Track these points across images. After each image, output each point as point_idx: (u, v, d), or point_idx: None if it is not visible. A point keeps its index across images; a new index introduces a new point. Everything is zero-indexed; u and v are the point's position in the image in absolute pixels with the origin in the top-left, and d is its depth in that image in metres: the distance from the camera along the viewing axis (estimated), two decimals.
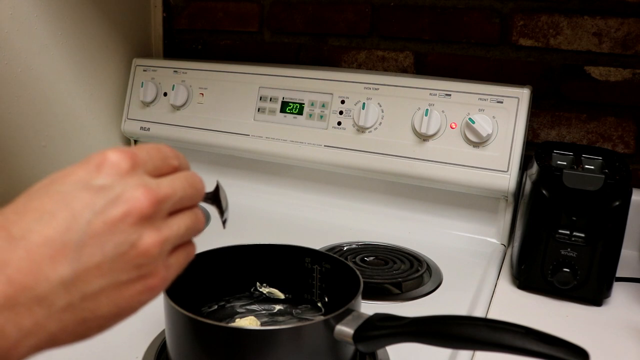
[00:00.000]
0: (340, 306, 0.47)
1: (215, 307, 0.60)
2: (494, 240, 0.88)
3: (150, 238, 0.29)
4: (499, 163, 0.83)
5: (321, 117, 0.95)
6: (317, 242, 0.80)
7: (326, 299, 0.60)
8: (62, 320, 0.27)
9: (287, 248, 0.61)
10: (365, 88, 0.92)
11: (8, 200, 0.29)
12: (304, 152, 0.96)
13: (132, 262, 0.29)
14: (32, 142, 0.98)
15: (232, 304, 0.61)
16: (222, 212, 0.41)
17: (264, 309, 0.61)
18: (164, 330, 0.54)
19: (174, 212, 0.32)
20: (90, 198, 0.29)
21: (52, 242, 0.27)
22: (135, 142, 1.17)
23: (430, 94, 0.88)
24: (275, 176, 1.03)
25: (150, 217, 0.29)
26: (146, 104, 1.10)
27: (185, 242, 0.33)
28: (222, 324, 0.56)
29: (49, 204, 0.29)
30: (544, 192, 0.68)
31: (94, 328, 0.30)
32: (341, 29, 1.08)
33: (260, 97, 1.00)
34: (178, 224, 0.32)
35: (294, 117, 0.97)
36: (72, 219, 0.28)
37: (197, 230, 0.34)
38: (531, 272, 0.71)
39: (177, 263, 0.33)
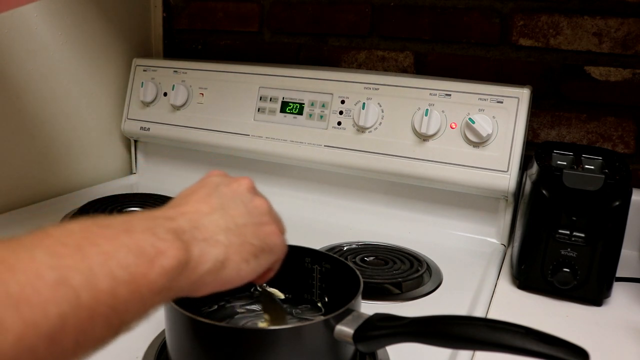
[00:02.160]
0: (340, 306, 0.47)
1: (215, 307, 0.60)
2: (494, 240, 0.88)
3: (259, 199, 0.44)
4: (499, 163, 0.83)
5: (321, 117, 0.95)
6: (317, 242, 0.80)
7: (326, 299, 0.60)
8: (227, 236, 0.39)
9: (287, 248, 0.61)
10: (365, 88, 0.92)
11: (8, 200, 0.30)
12: (304, 152, 0.96)
13: (255, 211, 0.43)
14: (32, 142, 0.98)
15: (232, 304, 0.61)
16: None
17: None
18: (164, 330, 0.54)
19: None
20: (218, 179, 0.45)
21: (204, 203, 0.41)
22: (135, 142, 1.17)
23: (430, 94, 0.88)
24: (275, 176, 1.03)
25: (254, 189, 0.45)
26: (146, 104, 1.10)
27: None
28: (222, 324, 0.56)
29: (192, 189, 0.43)
30: (544, 192, 0.68)
31: (250, 254, 0.40)
32: (341, 29, 1.08)
33: (260, 97, 1.00)
34: (273, 208, 0.46)
35: (294, 117, 0.97)
36: (211, 190, 0.42)
37: (284, 227, 0.48)
38: (531, 272, 0.70)
39: (283, 227, 0.47)
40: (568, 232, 0.67)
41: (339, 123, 0.94)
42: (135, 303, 0.31)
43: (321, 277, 0.60)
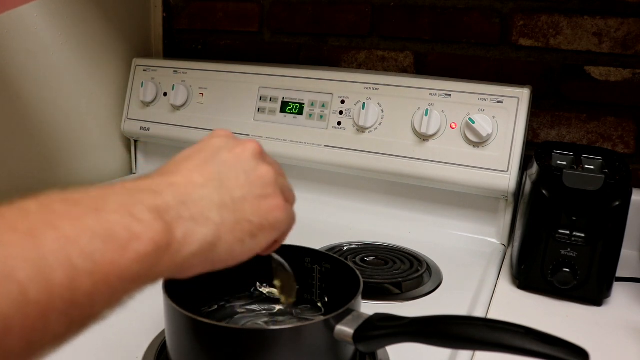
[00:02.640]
0: (340, 306, 0.47)
1: (215, 307, 0.60)
2: (494, 240, 0.88)
3: (264, 167, 0.39)
4: (499, 163, 0.83)
5: (321, 117, 0.95)
6: (317, 242, 0.80)
7: (326, 299, 0.60)
8: (221, 213, 0.35)
9: (287, 248, 0.60)
10: (365, 88, 0.92)
11: (8, 199, 0.29)
12: (304, 152, 0.96)
13: (257, 182, 0.38)
14: (32, 142, 0.98)
15: (232, 304, 0.61)
16: None
17: (264, 309, 0.61)
18: (164, 330, 0.54)
19: None
20: (222, 141, 0.40)
21: (198, 172, 0.36)
22: (136, 142, 1.17)
23: (430, 94, 0.88)
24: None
25: (261, 154, 0.40)
26: (146, 104, 1.10)
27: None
28: (222, 324, 0.56)
29: (189, 153, 0.39)
30: (544, 192, 0.68)
31: (247, 233, 0.36)
32: (341, 29, 1.08)
33: (260, 97, 1.00)
34: (282, 174, 0.42)
35: (294, 117, 0.97)
36: (210, 155, 0.38)
37: (293, 195, 0.43)
38: (531, 272, 0.70)
39: (292, 195, 0.42)
40: (568, 232, 0.67)
41: (339, 123, 0.94)
42: (103, 294, 0.27)
43: (321, 277, 0.60)
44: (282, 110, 0.98)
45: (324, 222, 0.94)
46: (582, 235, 0.67)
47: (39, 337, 0.25)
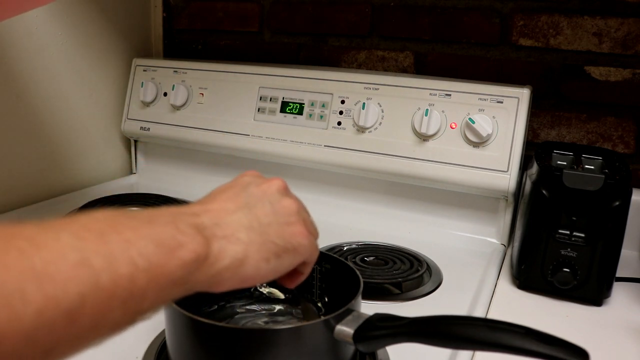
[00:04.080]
0: (340, 306, 0.47)
1: (215, 307, 0.60)
2: (494, 240, 0.88)
3: (288, 200, 0.44)
4: (499, 163, 0.83)
5: (321, 117, 0.95)
6: (318, 242, 0.80)
7: (326, 299, 0.60)
8: (249, 235, 0.39)
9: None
10: (365, 88, 0.92)
11: (8, 200, 0.31)
12: (304, 152, 0.96)
13: (282, 211, 0.43)
14: (31, 142, 0.98)
15: (232, 304, 0.61)
16: None
17: (264, 309, 0.61)
18: (164, 330, 0.54)
19: None
20: (251, 178, 0.45)
21: (230, 202, 0.41)
22: (136, 142, 1.17)
23: (430, 94, 0.88)
24: (275, 176, 1.03)
25: (285, 190, 0.46)
26: (146, 104, 1.10)
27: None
28: (222, 324, 0.56)
29: (223, 188, 0.44)
30: (544, 192, 0.68)
31: (272, 253, 0.40)
32: (341, 29, 1.08)
33: (260, 97, 1.00)
34: (305, 210, 0.47)
35: (294, 117, 0.97)
36: (240, 189, 0.43)
37: (316, 229, 0.49)
38: (531, 272, 0.71)
39: (314, 229, 0.48)
40: (568, 232, 0.67)
41: (339, 123, 0.94)
42: (153, 291, 0.32)
43: (321, 277, 0.60)
44: (282, 110, 0.98)
45: (324, 222, 0.93)
46: (582, 235, 0.67)
47: (102, 320, 0.29)
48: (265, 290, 0.62)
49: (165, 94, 1.09)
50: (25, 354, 0.25)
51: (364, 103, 0.91)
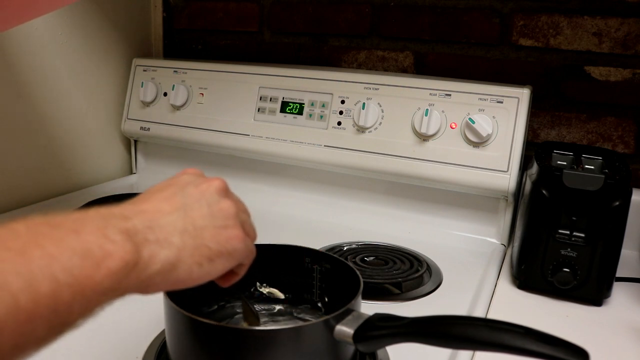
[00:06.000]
0: (340, 306, 0.47)
1: (215, 307, 0.60)
2: (494, 240, 0.88)
3: (227, 202, 0.43)
4: (499, 163, 0.83)
5: (321, 117, 0.95)
6: (317, 242, 0.80)
7: (326, 299, 0.60)
8: (182, 238, 0.39)
9: (287, 248, 0.61)
10: (365, 88, 0.92)
11: (8, 200, 0.31)
12: (304, 152, 0.96)
13: (219, 214, 0.42)
14: (32, 142, 0.98)
15: (232, 304, 0.61)
16: None
17: (264, 309, 0.61)
18: (164, 330, 0.54)
19: None
20: (190, 177, 0.44)
21: (166, 202, 0.40)
22: (135, 142, 1.17)
23: (430, 94, 0.88)
24: (275, 176, 1.03)
25: (225, 191, 0.44)
26: (146, 104, 1.10)
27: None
28: (222, 324, 0.56)
29: (160, 186, 0.43)
30: (544, 192, 0.68)
31: (205, 257, 0.40)
32: (341, 29, 1.08)
33: (260, 97, 1.00)
34: (245, 211, 0.46)
35: (294, 117, 0.97)
36: (178, 189, 0.42)
37: (254, 231, 0.47)
38: (531, 272, 0.70)
39: (252, 231, 0.46)
40: (568, 232, 0.67)
41: (339, 123, 0.94)
42: (79, 304, 0.31)
43: (321, 277, 0.60)
44: (282, 110, 0.98)
45: (324, 222, 0.94)
46: (582, 235, 0.67)
47: (25, 340, 0.28)
48: (265, 290, 0.62)
49: (165, 94, 1.09)
50: None
51: (364, 103, 0.91)
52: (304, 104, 0.97)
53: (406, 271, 0.74)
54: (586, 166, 0.73)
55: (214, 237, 0.41)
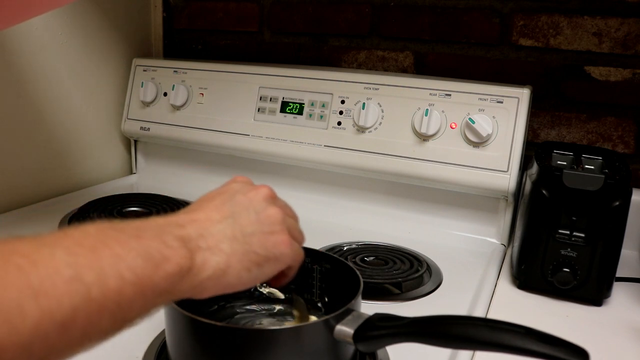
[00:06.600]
0: (340, 306, 0.47)
1: (215, 307, 0.60)
2: (494, 240, 0.88)
3: (273, 209, 0.45)
4: (499, 163, 0.83)
5: (321, 117, 0.95)
6: (317, 242, 0.80)
7: (326, 299, 0.60)
8: (231, 245, 0.41)
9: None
10: (365, 88, 0.92)
11: (8, 200, 0.32)
12: (304, 152, 0.96)
13: (266, 221, 0.44)
14: (32, 142, 0.98)
15: (232, 304, 0.61)
16: None
17: (264, 309, 0.61)
18: (164, 330, 0.54)
19: None
20: (239, 186, 0.46)
21: (216, 211, 0.43)
22: (135, 142, 1.17)
23: (430, 94, 0.88)
24: (275, 176, 1.03)
25: (272, 198, 0.46)
26: (146, 104, 1.10)
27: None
28: (222, 324, 0.56)
29: (211, 195, 0.46)
30: (544, 192, 0.68)
31: (253, 262, 0.42)
32: (341, 29, 1.08)
33: (260, 97, 1.00)
34: (292, 216, 0.49)
35: (294, 117, 0.97)
36: (227, 198, 0.44)
37: (301, 234, 0.49)
38: (531, 272, 0.71)
39: (299, 235, 0.48)
40: (568, 232, 0.67)
41: (339, 123, 0.94)
42: (139, 302, 0.34)
43: (321, 277, 0.60)
44: (282, 110, 0.98)
45: (324, 222, 0.94)
46: (582, 235, 0.67)
47: (93, 329, 0.31)
48: (265, 290, 0.62)
49: (165, 94, 1.09)
50: None
51: (364, 103, 0.91)
52: (304, 104, 0.97)
53: (406, 271, 0.74)
54: (586, 166, 0.73)
55: (261, 243, 0.43)
